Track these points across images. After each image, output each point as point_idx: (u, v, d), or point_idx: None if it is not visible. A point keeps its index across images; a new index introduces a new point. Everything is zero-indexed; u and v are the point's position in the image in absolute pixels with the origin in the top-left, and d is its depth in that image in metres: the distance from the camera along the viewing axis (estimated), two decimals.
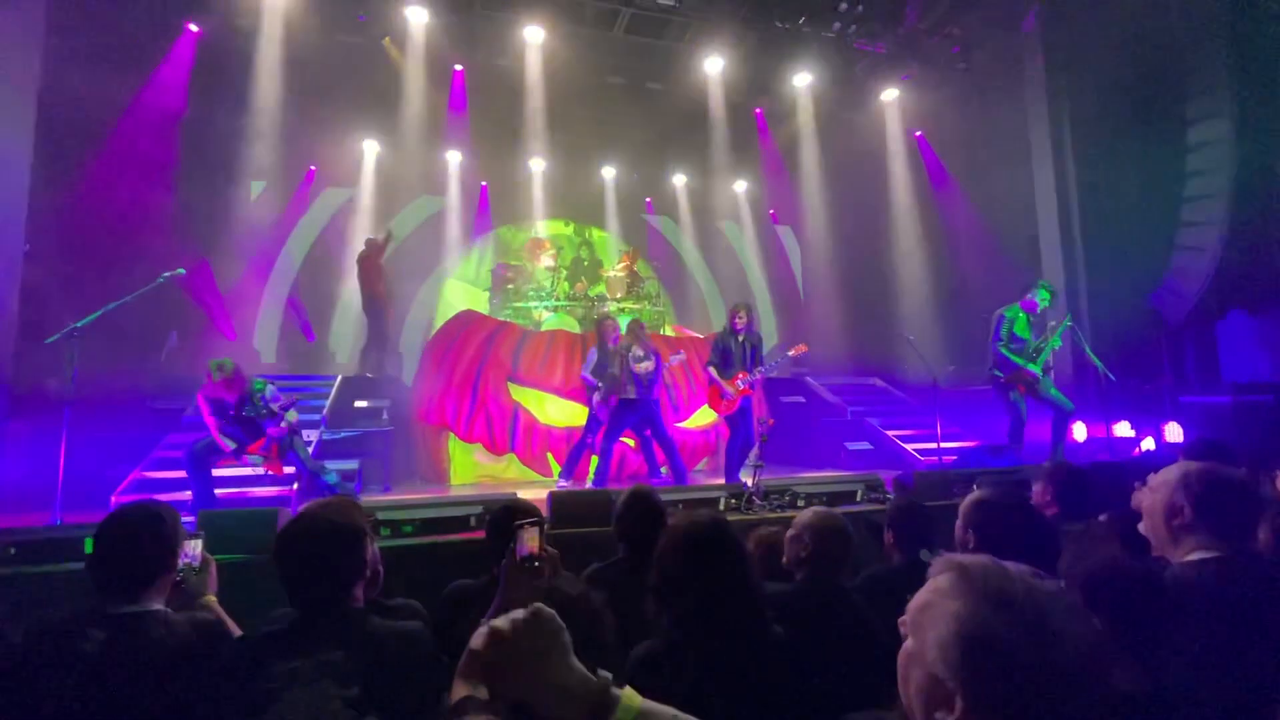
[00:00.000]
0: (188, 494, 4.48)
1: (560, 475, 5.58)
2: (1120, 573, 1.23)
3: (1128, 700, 0.99)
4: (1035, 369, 5.23)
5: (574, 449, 5.62)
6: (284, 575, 1.39)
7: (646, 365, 5.33)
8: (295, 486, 4.86)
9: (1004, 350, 5.28)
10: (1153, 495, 1.63)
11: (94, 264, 5.98)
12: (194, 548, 1.75)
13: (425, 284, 10.53)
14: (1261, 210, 5.97)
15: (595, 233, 11.72)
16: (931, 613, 0.76)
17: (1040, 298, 5.38)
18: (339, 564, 1.42)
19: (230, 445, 4.24)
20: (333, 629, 1.35)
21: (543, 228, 11.14)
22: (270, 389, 4.32)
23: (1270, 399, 5.69)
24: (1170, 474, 1.61)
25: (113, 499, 4.43)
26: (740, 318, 5.35)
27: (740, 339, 5.33)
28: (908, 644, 0.79)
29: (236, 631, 1.66)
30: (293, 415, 4.35)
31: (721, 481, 4.88)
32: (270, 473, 4.44)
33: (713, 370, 5.34)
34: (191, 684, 1.34)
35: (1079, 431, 6.08)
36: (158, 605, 1.50)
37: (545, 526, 1.68)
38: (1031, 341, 5.33)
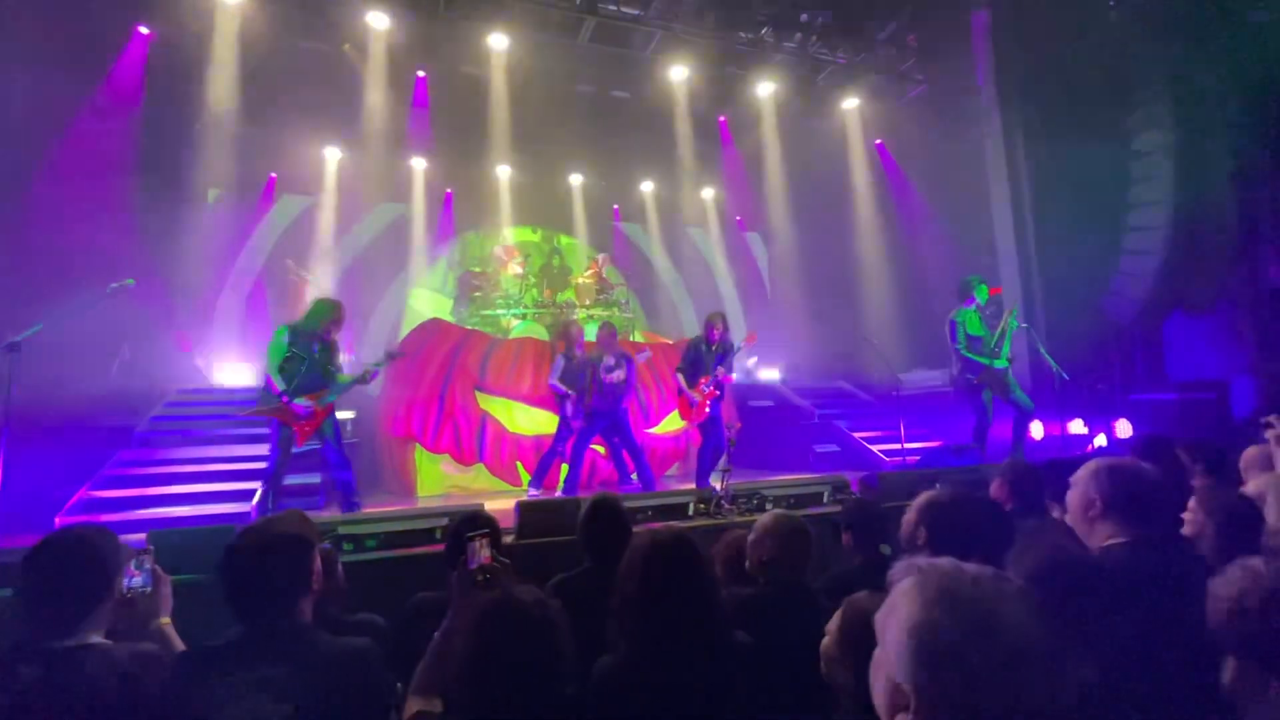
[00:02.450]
0: (139, 514, 4.34)
1: (530, 484, 5.53)
2: (1066, 563, 1.27)
3: (1084, 693, 1.02)
4: (1002, 364, 5.36)
5: (544, 457, 5.57)
6: (227, 590, 1.36)
7: (618, 374, 5.31)
8: (254, 502, 4.72)
9: (966, 353, 5.39)
10: (1072, 491, 1.75)
11: (38, 274, 5.73)
12: (145, 566, 1.64)
13: (390, 293, 10.35)
14: (1200, 215, 6.27)
15: (563, 240, 11.69)
16: (891, 618, 0.77)
17: (978, 293, 5.51)
18: (282, 579, 1.39)
19: (281, 385, 4.06)
20: (276, 645, 1.32)
21: (510, 235, 11.08)
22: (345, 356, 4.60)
23: (1212, 396, 5.97)
24: (1084, 470, 1.73)
25: (58, 520, 4.23)
26: (716, 328, 5.37)
27: (712, 349, 5.36)
28: (876, 651, 0.80)
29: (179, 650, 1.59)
30: (372, 368, 4.48)
31: (691, 487, 4.90)
32: (298, 430, 4.14)
33: (680, 377, 5.36)
34: None
35: (1036, 430, 6.28)
36: (96, 637, 1.40)
37: (499, 537, 1.67)
38: (989, 336, 5.45)
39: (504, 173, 10.45)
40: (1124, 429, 5.80)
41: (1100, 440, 5.90)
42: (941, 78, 8.62)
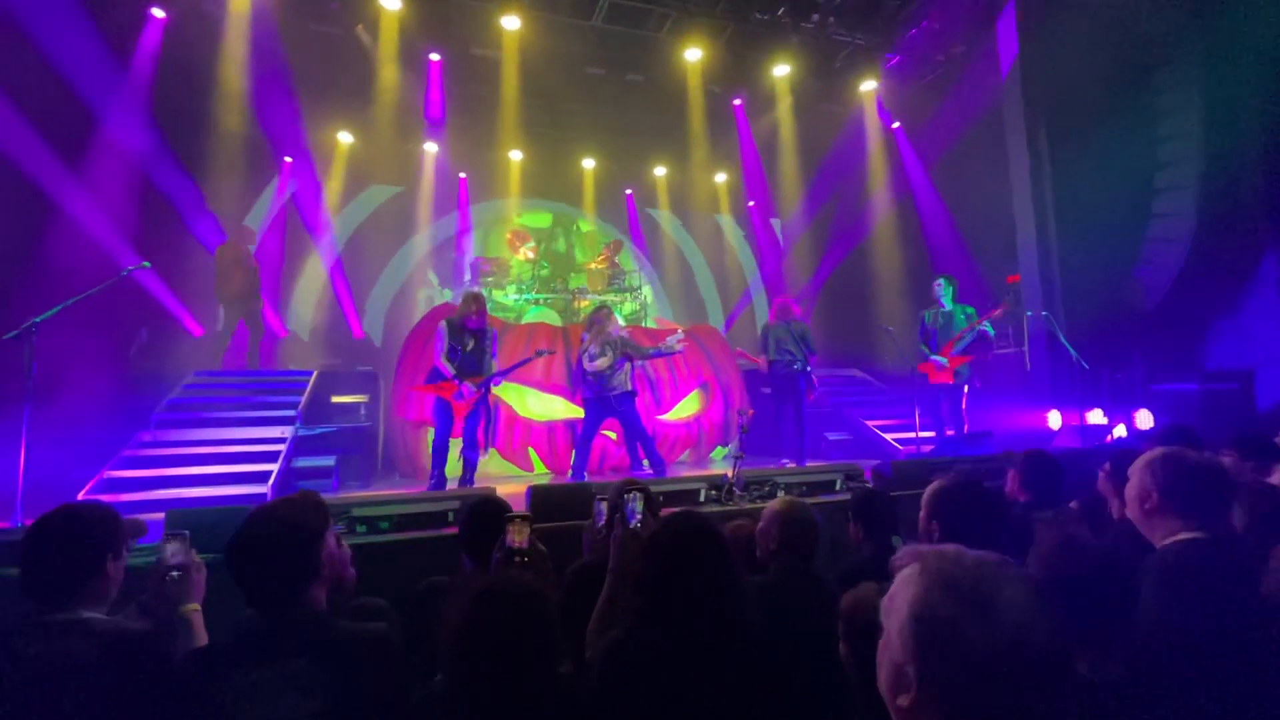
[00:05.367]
0: (158, 494, 4.40)
1: (572, 477, 5.49)
2: (1082, 554, 1.23)
3: (1090, 687, 0.99)
4: (940, 358, 5.78)
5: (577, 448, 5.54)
6: (236, 577, 1.33)
7: (600, 363, 5.21)
8: (269, 485, 4.78)
9: (922, 343, 5.97)
10: (1129, 482, 1.64)
11: (56, 258, 5.80)
12: (179, 550, 1.64)
13: (404, 278, 10.38)
14: (1228, 202, 6.10)
15: (576, 225, 11.65)
16: (894, 602, 0.78)
17: (940, 289, 5.98)
18: (290, 564, 1.34)
19: (451, 369, 4.71)
20: (293, 636, 1.28)
21: (522, 220, 11.05)
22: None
23: (1235, 386, 5.84)
24: (1139, 460, 1.62)
25: (79, 499, 4.31)
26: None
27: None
28: (882, 635, 0.81)
29: (202, 640, 1.58)
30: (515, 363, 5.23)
31: (702, 473, 4.89)
32: (455, 407, 4.77)
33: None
34: (99, 699, 1.26)
35: (1053, 419, 6.20)
36: (91, 613, 1.42)
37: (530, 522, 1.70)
38: (953, 330, 5.82)
39: (517, 157, 10.40)
40: (1144, 419, 5.70)
41: (1120, 431, 5.81)
42: (962, 59, 8.42)
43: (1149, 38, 6.55)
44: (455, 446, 6.37)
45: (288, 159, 9.32)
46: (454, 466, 6.39)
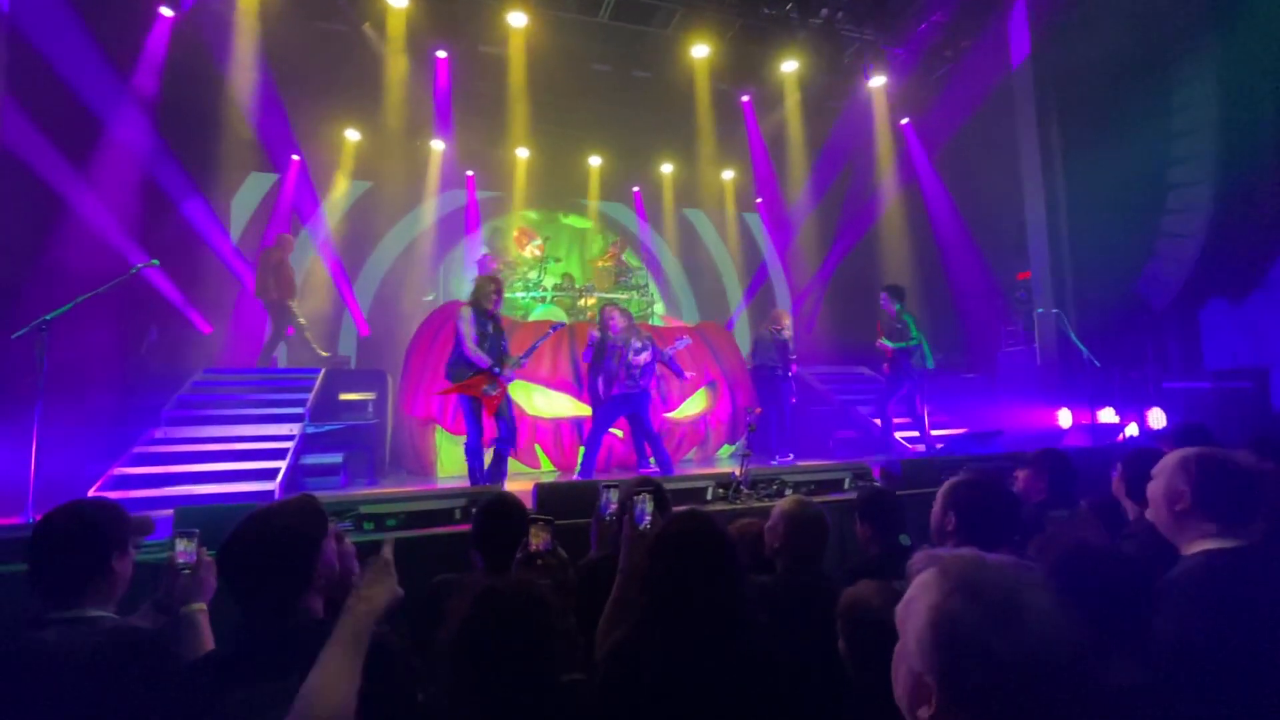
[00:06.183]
0: (167, 491, 4.43)
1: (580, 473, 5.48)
2: (1087, 556, 1.20)
3: (1111, 692, 0.97)
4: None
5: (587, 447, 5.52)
6: (228, 583, 1.30)
7: (644, 356, 5.29)
8: (277, 482, 4.80)
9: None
10: (1155, 482, 1.59)
11: (66, 256, 5.83)
12: (186, 548, 1.62)
13: (411, 276, 10.40)
14: (1244, 198, 6.02)
15: (582, 222, 11.64)
16: (912, 608, 0.75)
17: (885, 300, 6.46)
18: (282, 573, 1.30)
19: (487, 359, 4.45)
20: (290, 648, 1.23)
21: (529, 217, 11.05)
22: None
23: (1249, 385, 5.76)
24: (1170, 459, 1.56)
25: (90, 495, 4.34)
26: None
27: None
28: (898, 644, 0.79)
29: (207, 640, 1.56)
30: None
31: (709, 471, 4.88)
32: (487, 402, 4.50)
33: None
34: (98, 697, 1.24)
35: (1064, 417, 6.14)
36: (98, 611, 1.41)
37: (553, 525, 1.71)
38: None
39: (524, 155, 10.39)
40: (1157, 418, 5.63)
41: (1132, 429, 5.75)
42: (973, 53, 8.35)
43: (1165, 32, 6.46)
44: (455, 443, 6.40)
45: (295, 157, 9.35)
46: (456, 464, 6.40)
